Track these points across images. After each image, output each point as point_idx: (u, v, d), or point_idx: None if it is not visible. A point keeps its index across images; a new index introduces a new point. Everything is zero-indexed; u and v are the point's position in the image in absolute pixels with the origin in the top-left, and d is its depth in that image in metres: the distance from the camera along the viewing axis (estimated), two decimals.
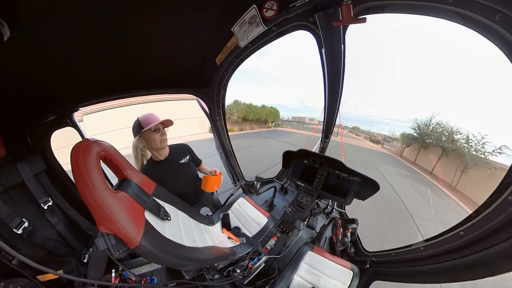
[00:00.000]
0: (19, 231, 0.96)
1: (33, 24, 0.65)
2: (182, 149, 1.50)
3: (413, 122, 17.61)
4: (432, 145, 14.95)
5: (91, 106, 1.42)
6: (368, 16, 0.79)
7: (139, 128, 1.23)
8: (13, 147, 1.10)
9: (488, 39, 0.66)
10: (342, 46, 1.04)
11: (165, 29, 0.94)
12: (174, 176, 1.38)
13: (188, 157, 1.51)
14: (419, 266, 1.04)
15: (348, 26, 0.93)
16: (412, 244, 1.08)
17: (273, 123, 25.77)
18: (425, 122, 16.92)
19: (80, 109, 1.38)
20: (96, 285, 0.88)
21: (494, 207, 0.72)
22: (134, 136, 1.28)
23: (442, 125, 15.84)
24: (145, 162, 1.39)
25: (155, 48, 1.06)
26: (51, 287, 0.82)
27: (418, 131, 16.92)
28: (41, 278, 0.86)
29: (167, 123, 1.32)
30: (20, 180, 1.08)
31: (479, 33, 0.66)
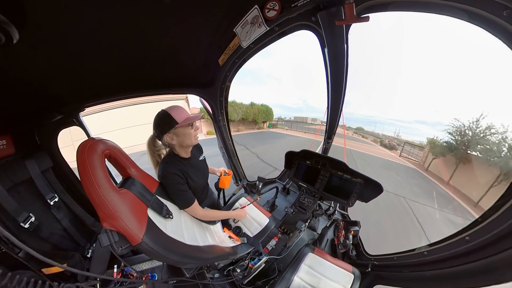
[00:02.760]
0: (26, 225, 1.00)
1: (41, 27, 0.66)
2: (197, 147, 1.41)
3: (451, 125, 12.19)
4: (480, 160, 9.88)
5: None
6: (371, 15, 0.78)
7: (172, 123, 1.05)
8: (21, 145, 1.14)
9: (495, 36, 0.64)
10: (345, 45, 1.03)
11: (169, 31, 0.95)
12: (197, 173, 1.31)
13: (203, 155, 1.46)
14: (422, 271, 1.01)
15: (351, 25, 0.92)
16: (416, 249, 1.06)
17: (266, 124, 21.79)
18: (468, 126, 11.39)
19: (85, 108, 1.42)
20: (98, 279, 0.90)
21: (501, 212, 0.69)
22: (164, 132, 1.09)
23: (493, 129, 10.38)
24: (158, 160, 1.24)
25: (159, 49, 1.07)
26: (55, 280, 0.84)
27: (458, 137, 11.45)
28: (46, 271, 0.89)
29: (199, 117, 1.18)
30: (28, 176, 1.12)
31: (485, 29, 0.64)
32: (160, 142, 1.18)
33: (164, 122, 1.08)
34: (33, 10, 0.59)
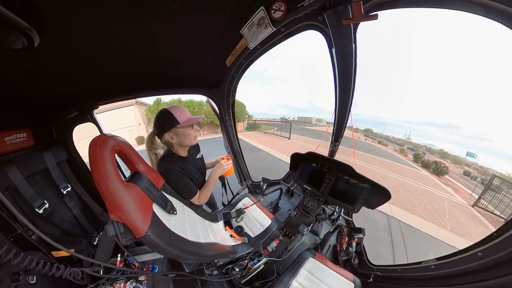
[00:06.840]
0: (40, 211, 1.08)
1: (58, 32, 0.71)
2: (195, 146, 1.42)
3: None
4: None
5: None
6: (380, 13, 0.75)
7: (173, 122, 1.08)
8: (40, 138, 1.24)
9: None
10: (353, 45, 1.00)
11: (177, 32, 0.97)
12: (196, 170, 1.34)
13: (200, 153, 1.47)
14: (427, 286, 0.94)
15: (359, 24, 0.89)
16: (422, 262, 0.99)
17: (242, 124, 17.98)
18: None
19: (99, 106, 1.50)
20: (102, 266, 0.94)
21: None
22: (165, 130, 1.11)
23: None
24: (154, 159, 1.26)
25: (168, 50, 1.09)
26: (62, 263, 0.90)
27: None
28: (55, 254, 0.95)
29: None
30: (45, 167, 1.21)
31: (504, 24, 0.59)
32: (158, 140, 1.21)
33: (166, 121, 1.10)
34: (51, 16, 0.63)
